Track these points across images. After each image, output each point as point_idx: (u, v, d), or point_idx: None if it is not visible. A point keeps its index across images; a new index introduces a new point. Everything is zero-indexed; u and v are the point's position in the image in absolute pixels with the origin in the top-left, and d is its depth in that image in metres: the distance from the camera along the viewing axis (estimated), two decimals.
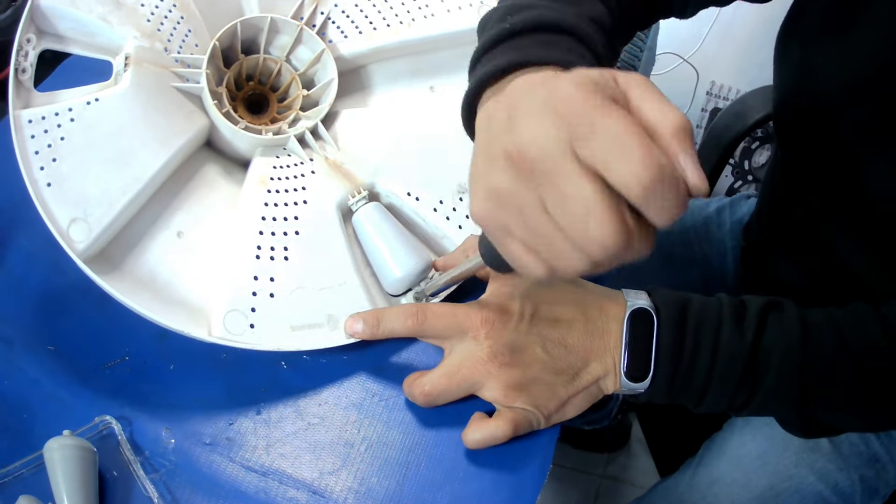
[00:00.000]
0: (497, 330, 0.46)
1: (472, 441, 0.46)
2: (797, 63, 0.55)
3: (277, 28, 0.57)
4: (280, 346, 0.48)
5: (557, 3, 0.47)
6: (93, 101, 0.49)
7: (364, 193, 0.54)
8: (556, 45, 0.44)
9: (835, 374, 0.45)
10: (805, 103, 0.54)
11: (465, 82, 0.46)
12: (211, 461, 0.46)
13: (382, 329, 0.49)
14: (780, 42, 0.58)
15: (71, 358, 0.50)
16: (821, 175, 0.57)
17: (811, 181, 0.58)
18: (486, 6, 0.62)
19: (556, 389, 0.46)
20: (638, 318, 0.46)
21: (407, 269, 0.51)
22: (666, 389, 0.46)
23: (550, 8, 0.46)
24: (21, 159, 0.46)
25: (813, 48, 0.53)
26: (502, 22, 0.46)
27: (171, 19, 0.54)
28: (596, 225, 0.29)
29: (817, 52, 0.52)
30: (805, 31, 0.54)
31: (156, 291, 0.49)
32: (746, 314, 0.45)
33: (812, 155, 0.57)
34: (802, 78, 0.54)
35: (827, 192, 0.57)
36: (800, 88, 0.55)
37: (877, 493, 0.64)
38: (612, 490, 1.27)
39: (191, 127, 0.52)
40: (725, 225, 0.80)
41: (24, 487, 0.45)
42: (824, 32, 0.51)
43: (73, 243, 0.46)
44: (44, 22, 0.51)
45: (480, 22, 0.51)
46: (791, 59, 0.56)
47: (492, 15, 0.49)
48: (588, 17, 0.47)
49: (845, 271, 0.58)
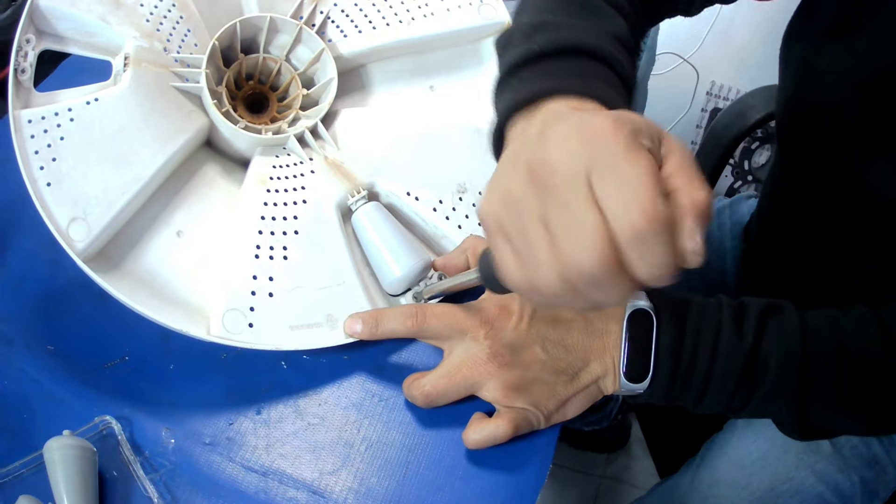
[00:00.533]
0: (496, 330, 0.46)
1: (473, 441, 0.46)
2: (802, 64, 0.54)
3: (277, 27, 0.57)
4: (279, 346, 0.48)
5: (580, 21, 0.47)
6: (92, 101, 0.49)
7: (363, 193, 0.54)
8: (586, 71, 0.44)
9: (833, 378, 0.45)
10: (809, 104, 0.54)
11: (465, 81, 0.46)
12: (211, 461, 0.46)
13: (382, 329, 0.49)
14: (785, 43, 0.58)
15: (71, 358, 0.50)
16: (822, 176, 0.57)
17: (813, 182, 0.58)
18: (485, 5, 0.62)
19: (555, 389, 0.46)
20: (637, 319, 0.46)
21: (406, 268, 0.51)
22: (665, 390, 0.46)
23: (575, 27, 0.46)
24: (21, 159, 0.46)
25: (819, 50, 0.52)
26: (528, 42, 0.45)
27: (170, 19, 0.54)
28: (581, 248, 0.29)
29: (824, 53, 0.52)
30: (812, 33, 0.54)
31: (155, 290, 0.49)
32: (746, 316, 0.45)
33: (814, 156, 0.57)
34: (807, 79, 0.54)
35: (829, 193, 0.57)
36: (804, 89, 0.55)
37: (877, 494, 0.64)
38: (612, 490, 1.27)
39: (190, 126, 0.52)
40: (725, 226, 0.80)
41: (24, 487, 0.45)
42: (832, 35, 0.51)
43: (73, 242, 0.46)
44: (43, 22, 0.51)
45: (501, 39, 0.50)
46: (796, 59, 0.55)
47: (514, 32, 0.48)
48: (612, 35, 0.47)
49: (846, 273, 0.58)
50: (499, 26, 0.62)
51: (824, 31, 0.52)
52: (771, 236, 0.69)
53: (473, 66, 0.63)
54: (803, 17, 0.56)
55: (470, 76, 0.63)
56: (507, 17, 0.62)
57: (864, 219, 0.53)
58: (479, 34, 0.62)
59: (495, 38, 0.50)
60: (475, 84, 0.63)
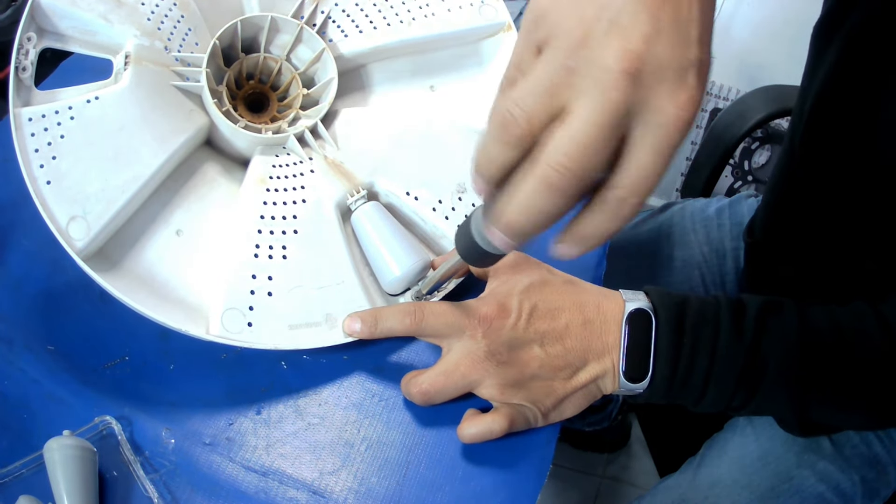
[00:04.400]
0: (495, 328, 0.46)
1: (468, 435, 0.46)
2: (836, 60, 0.54)
3: (278, 27, 0.57)
4: (278, 345, 0.48)
5: None
6: (93, 100, 0.49)
7: (363, 193, 0.54)
8: None
9: (833, 374, 0.45)
10: (842, 99, 0.53)
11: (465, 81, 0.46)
12: (211, 461, 0.46)
13: (380, 328, 0.49)
14: (817, 38, 0.57)
15: (71, 358, 0.50)
16: (843, 172, 0.56)
17: (831, 179, 0.57)
18: (486, 6, 0.62)
19: (553, 386, 0.46)
20: (636, 319, 0.46)
21: (406, 268, 0.51)
22: (664, 390, 0.46)
23: None
24: (21, 157, 0.46)
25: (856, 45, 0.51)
26: None
27: (171, 18, 0.54)
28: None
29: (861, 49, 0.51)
30: (848, 28, 0.53)
31: (154, 289, 0.49)
32: (745, 314, 0.45)
33: (837, 152, 0.56)
34: (841, 74, 0.53)
35: (847, 190, 0.56)
36: (837, 84, 0.54)
37: (877, 494, 0.63)
38: (613, 491, 1.27)
39: (190, 125, 0.52)
40: (725, 226, 0.80)
41: (24, 487, 0.44)
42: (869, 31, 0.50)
43: (72, 241, 0.46)
44: (44, 20, 0.51)
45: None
46: (830, 55, 0.54)
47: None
48: None
49: (856, 271, 0.57)
50: (499, 27, 0.62)
51: (861, 26, 0.51)
52: (778, 231, 0.68)
53: (474, 66, 0.63)
54: (838, 12, 0.55)
55: (470, 77, 0.63)
56: (508, 18, 0.62)
57: (884, 216, 0.53)
58: (479, 35, 0.62)
59: None
60: (475, 85, 0.63)
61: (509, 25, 0.62)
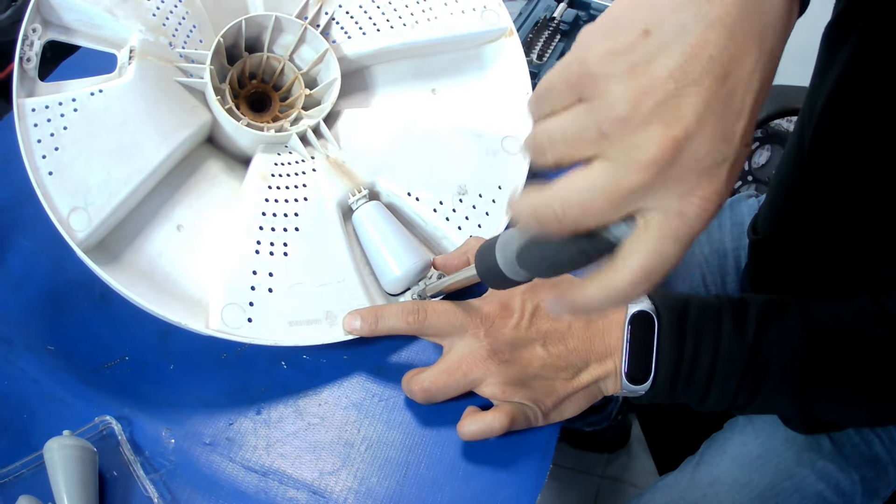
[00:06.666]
0: (497, 327, 0.46)
1: (468, 433, 0.46)
2: (849, 60, 0.53)
3: (282, 27, 0.57)
4: (277, 341, 0.48)
5: None
6: (97, 93, 0.49)
7: (364, 192, 0.54)
8: None
9: (836, 371, 0.45)
10: (856, 99, 0.53)
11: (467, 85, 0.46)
12: (211, 461, 0.46)
13: (381, 326, 0.49)
14: (829, 37, 0.57)
15: (71, 358, 0.50)
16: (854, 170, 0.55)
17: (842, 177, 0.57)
18: (488, 11, 0.62)
19: (554, 385, 0.46)
20: (638, 321, 0.46)
21: (406, 268, 0.51)
22: (667, 391, 0.46)
23: None
24: (23, 147, 0.46)
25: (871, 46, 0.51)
26: None
27: (176, 14, 0.54)
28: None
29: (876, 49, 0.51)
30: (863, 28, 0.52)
31: (154, 283, 0.49)
32: (747, 314, 0.45)
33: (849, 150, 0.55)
34: (855, 74, 0.53)
35: (858, 188, 0.56)
36: (851, 84, 0.53)
37: (877, 493, 0.63)
38: (613, 490, 1.27)
39: (193, 121, 0.52)
40: (725, 226, 0.80)
41: (24, 487, 0.44)
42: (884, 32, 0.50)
43: (73, 232, 0.46)
44: (50, 12, 0.51)
45: None
46: (844, 54, 0.54)
47: None
48: None
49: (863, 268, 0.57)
50: (501, 32, 0.62)
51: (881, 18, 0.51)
52: (784, 228, 0.67)
53: (475, 70, 0.63)
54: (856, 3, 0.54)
55: (472, 80, 0.63)
56: (510, 24, 0.62)
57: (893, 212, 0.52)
58: (481, 39, 0.62)
59: None
60: (477, 88, 0.63)
61: (511, 31, 0.62)
